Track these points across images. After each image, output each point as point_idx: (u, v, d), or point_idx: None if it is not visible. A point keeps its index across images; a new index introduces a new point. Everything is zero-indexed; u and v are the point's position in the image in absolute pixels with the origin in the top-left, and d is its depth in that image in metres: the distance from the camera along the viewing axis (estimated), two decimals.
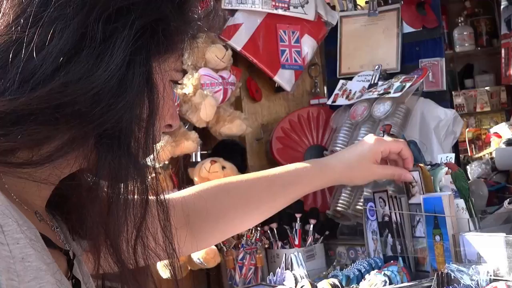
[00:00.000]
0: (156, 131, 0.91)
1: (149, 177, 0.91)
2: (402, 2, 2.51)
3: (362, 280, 1.72)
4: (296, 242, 2.07)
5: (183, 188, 2.10)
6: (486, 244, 1.53)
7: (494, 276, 1.47)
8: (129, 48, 0.80)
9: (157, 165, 1.87)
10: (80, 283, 0.92)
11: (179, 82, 1.00)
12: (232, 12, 2.31)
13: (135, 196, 0.89)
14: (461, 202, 1.72)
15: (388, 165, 1.40)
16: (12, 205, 0.75)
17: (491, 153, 3.32)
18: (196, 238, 1.20)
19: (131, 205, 0.89)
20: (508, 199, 2.07)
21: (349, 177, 1.36)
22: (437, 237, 1.69)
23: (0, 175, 0.78)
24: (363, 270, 1.78)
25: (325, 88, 2.53)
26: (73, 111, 0.78)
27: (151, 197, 0.94)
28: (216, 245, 2.01)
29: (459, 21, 4.02)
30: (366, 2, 2.60)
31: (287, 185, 1.33)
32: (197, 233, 1.20)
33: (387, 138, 2.00)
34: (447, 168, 1.79)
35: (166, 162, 2.07)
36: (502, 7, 3.48)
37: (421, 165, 1.85)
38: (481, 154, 3.43)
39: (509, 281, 1.42)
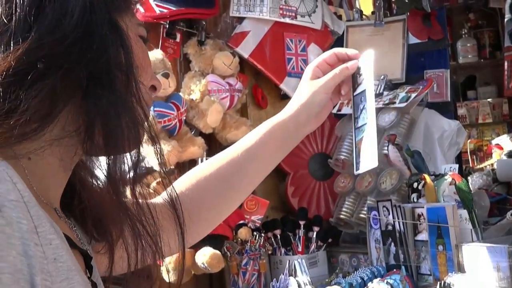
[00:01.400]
0: (140, 85, 0.89)
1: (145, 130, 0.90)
2: (408, 13, 2.53)
3: None
4: (299, 249, 2.07)
5: None
6: (488, 255, 1.55)
7: (496, 286, 1.49)
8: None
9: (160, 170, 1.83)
10: (97, 285, 0.91)
11: (146, 37, 0.98)
12: (240, 20, 2.31)
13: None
14: (464, 213, 1.74)
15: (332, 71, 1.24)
16: (38, 204, 0.75)
17: (492, 164, 3.33)
18: (197, 230, 1.19)
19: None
20: (510, 211, 2.09)
21: (312, 110, 1.24)
22: (440, 247, 1.71)
23: (23, 166, 0.79)
24: (365, 278, 1.79)
25: None
26: (53, 64, 0.79)
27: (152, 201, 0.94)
28: (220, 250, 2.01)
29: (463, 32, 4.01)
30: (372, 13, 2.62)
31: (262, 162, 1.26)
32: (195, 226, 1.19)
33: (393, 152, 2.02)
34: (451, 178, 1.82)
35: (172, 167, 2.06)
36: (505, 19, 3.49)
37: (425, 175, 1.88)
38: (482, 165, 3.44)
39: None
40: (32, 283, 0.69)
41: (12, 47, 0.78)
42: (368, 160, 1.19)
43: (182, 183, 1.19)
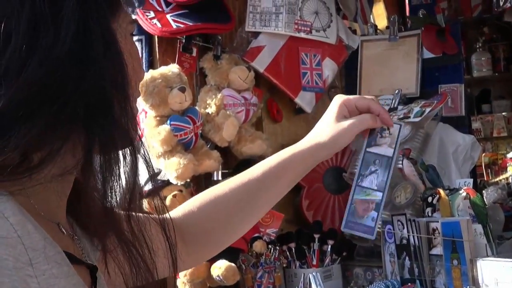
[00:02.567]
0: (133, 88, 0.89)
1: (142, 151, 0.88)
2: (423, 28, 2.54)
3: None
4: (314, 262, 2.07)
5: None
6: (504, 270, 1.55)
7: None
8: (78, 16, 0.78)
9: (179, 183, 1.81)
10: None
11: (133, 33, 0.95)
12: (255, 34, 2.32)
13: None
14: (479, 227, 1.73)
15: (359, 116, 1.25)
16: (39, 227, 0.75)
17: (507, 178, 3.31)
18: (191, 254, 1.17)
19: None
20: None
21: (332, 151, 1.23)
22: (455, 261, 1.70)
23: (25, 190, 0.77)
24: None
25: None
26: (47, 99, 0.76)
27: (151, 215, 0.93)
28: (235, 263, 2.01)
29: (477, 46, 4.01)
30: (387, 27, 2.63)
31: (275, 189, 1.26)
32: (191, 250, 1.18)
33: (407, 167, 2.01)
34: (465, 193, 1.81)
35: (188, 180, 2.07)
36: None
37: (440, 189, 1.87)
38: (497, 179, 3.42)
39: None
40: None
41: (4, 85, 0.75)
42: (365, 227, 1.20)
43: (194, 202, 1.19)
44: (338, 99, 1.25)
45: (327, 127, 1.23)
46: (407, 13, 3.22)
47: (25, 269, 0.68)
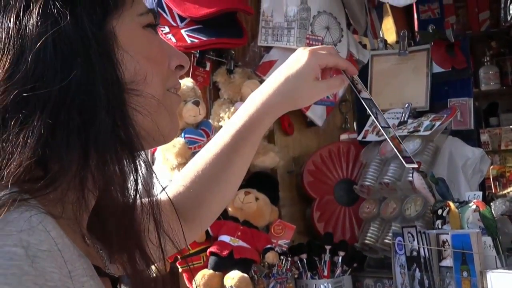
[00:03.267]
0: (161, 80, 0.87)
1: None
2: (432, 43, 2.54)
3: None
4: (325, 273, 2.06)
5: (220, 217, 2.15)
6: None
7: None
8: (63, 15, 0.77)
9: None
10: None
11: (155, 23, 0.91)
12: (268, 49, 2.34)
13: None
14: (488, 240, 1.74)
15: (329, 78, 1.23)
16: (72, 244, 0.75)
17: None
18: (191, 227, 1.19)
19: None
20: None
21: (293, 103, 1.21)
22: (465, 273, 1.71)
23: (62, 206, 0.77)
24: None
25: (355, 124, 2.55)
26: (37, 104, 0.74)
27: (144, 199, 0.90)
28: (248, 274, 2.01)
29: (485, 60, 3.99)
30: (397, 42, 2.64)
31: (242, 147, 1.20)
32: (190, 224, 1.18)
33: (417, 180, 2.01)
34: (475, 206, 1.82)
35: None
36: None
37: (450, 202, 1.87)
38: (505, 191, 3.41)
39: None
40: None
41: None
42: (408, 159, 1.20)
43: (181, 182, 1.19)
44: (314, 60, 1.21)
45: (302, 91, 1.21)
46: (416, 28, 3.23)
47: (65, 281, 0.69)
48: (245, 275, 1.98)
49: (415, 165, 1.23)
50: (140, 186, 0.85)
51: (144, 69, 0.84)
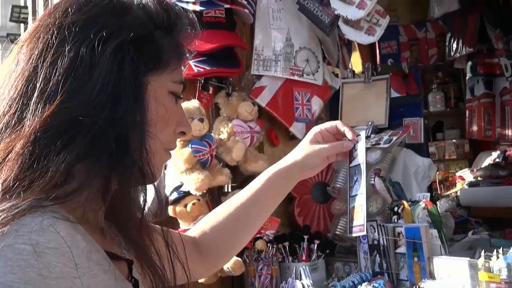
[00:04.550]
0: (165, 137, 0.86)
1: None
2: (390, 73, 2.55)
3: None
4: (304, 258, 2.06)
5: None
6: (455, 266, 1.54)
7: None
8: (113, 66, 0.77)
9: (197, 194, 1.78)
10: (139, 282, 0.89)
11: (180, 95, 0.91)
12: (259, 77, 2.33)
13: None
14: (434, 232, 1.74)
15: (330, 143, 1.22)
16: (86, 234, 0.74)
17: (456, 192, 3.32)
18: (206, 264, 1.17)
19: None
20: (471, 230, 2.09)
21: (305, 169, 1.20)
22: (415, 258, 1.71)
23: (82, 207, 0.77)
24: (356, 282, 1.79)
25: None
26: (82, 128, 0.74)
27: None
28: (241, 258, 2.00)
29: (433, 87, 4.02)
30: (362, 72, 2.66)
31: (263, 206, 1.22)
32: (206, 260, 1.16)
33: (378, 183, 2.01)
34: (424, 204, 1.82)
35: (205, 191, 2.07)
36: (467, 78, 3.53)
37: (404, 201, 1.88)
38: (448, 192, 3.42)
39: None
40: None
41: (45, 108, 0.74)
42: (358, 227, 1.19)
43: (205, 224, 1.18)
44: (313, 129, 1.23)
45: (302, 149, 1.21)
46: (378, 61, 3.26)
47: (71, 272, 0.68)
48: (239, 259, 1.98)
49: (363, 233, 1.22)
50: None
51: (157, 121, 0.84)
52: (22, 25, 24.75)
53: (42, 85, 0.76)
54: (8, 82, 0.79)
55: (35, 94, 0.76)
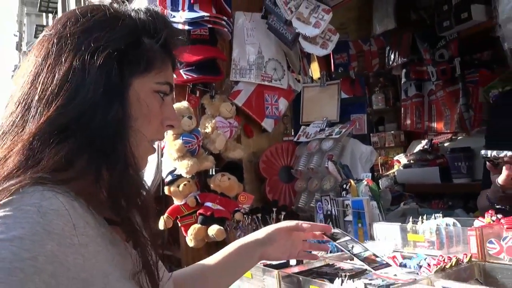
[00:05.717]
0: (149, 131, 0.80)
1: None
2: (341, 79, 2.57)
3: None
4: None
5: (205, 190, 2.14)
6: (389, 230, 1.55)
7: (394, 249, 1.48)
8: (101, 75, 0.73)
9: (188, 176, 1.69)
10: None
11: (166, 93, 0.84)
12: (236, 82, 2.33)
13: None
14: (374, 203, 1.74)
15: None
16: (84, 203, 0.71)
17: (394, 172, 3.38)
18: None
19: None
20: (403, 202, 2.12)
21: (261, 239, 1.10)
22: (360, 224, 1.71)
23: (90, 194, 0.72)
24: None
25: (292, 130, 2.55)
26: (77, 128, 0.71)
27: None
28: (223, 227, 2.01)
29: (376, 90, 4.03)
30: (319, 78, 2.67)
31: (239, 271, 1.12)
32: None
33: (331, 166, 2.02)
34: (366, 182, 1.82)
35: (194, 174, 2.08)
36: (402, 82, 3.58)
37: (351, 180, 1.88)
38: (388, 173, 3.48)
39: (403, 252, 1.44)
40: (67, 262, 0.64)
41: (44, 112, 0.71)
42: (382, 265, 1.17)
43: (187, 276, 1.07)
44: (283, 228, 1.12)
45: (266, 230, 1.13)
46: (332, 69, 3.27)
47: (70, 231, 0.66)
48: (221, 227, 1.99)
49: (390, 266, 1.17)
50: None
51: (140, 117, 0.79)
52: None
53: (41, 90, 0.73)
54: (20, 83, 0.76)
55: (35, 98, 0.73)
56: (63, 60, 0.74)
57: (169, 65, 0.86)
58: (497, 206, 1.48)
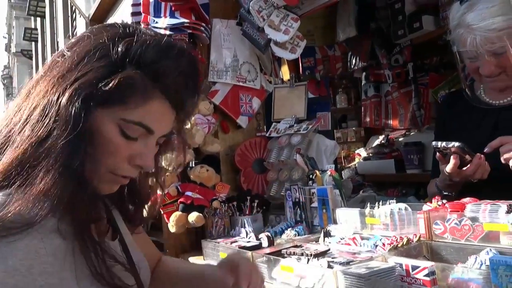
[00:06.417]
0: (111, 162, 0.72)
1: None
2: (307, 81, 2.59)
3: (283, 233, 1.76)
4: (247, 212, 2.07)
5: (185, 181, 2.14)
6: (350, 214, 1.57)
7: (354, 231, 1.51)
8: (69, 106, 0.67)
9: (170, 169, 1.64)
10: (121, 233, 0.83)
11: (131, 136, 0.72)
12: (214, 83, 2.32)
13: None
14: (337, 191, 1.76)
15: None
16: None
17: (355, 164, 3.43)
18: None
19: None
20: (362, 190, 2.16)
21: (209, 274, 0.95)
22: (324, 210, 1.73)
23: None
24: (283, 228, 1.81)
25: (265, 127, 2.56)
26: (50, 150, 0.67)
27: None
28: (202, 214, 2.01)
29: (339, 90, 4.04)
30: (288, 80, 2.67)
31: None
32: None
33: (299, 158, 2.03)
34: (330, 172, 1.84)
35: (176, 167, 2.06)
36: (362, 83, 3.63)
37: (317, 171, 1.90)
38: (350, 165, 3.53)
39: (362, 234, 1.46)
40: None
41: (19, 142, 0.68)
42: None
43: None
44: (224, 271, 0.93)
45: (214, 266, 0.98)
46: (300, 72, 3.28)
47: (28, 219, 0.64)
48: (200, 214, 2.00)
49: None
50: None
51: (99, 146, 0.71)
52: (33, 43, 23.46)
53: (26, 116, 0.70)
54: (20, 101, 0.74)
55: (20, 123, 0.70)
56: (43, 90, 0.71)
57: (155, 107, 0.72)
58: (445, 193, 1.52)
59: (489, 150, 1.35)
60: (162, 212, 2.07)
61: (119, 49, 0.70)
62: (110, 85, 0.68)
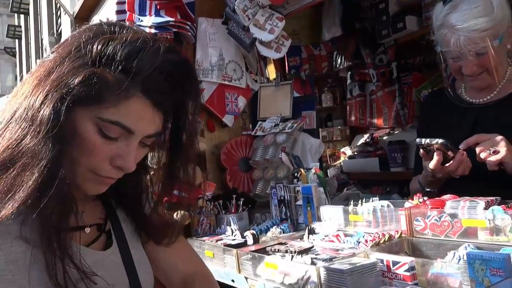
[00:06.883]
0: (91, 162, 0.72)
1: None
2: (293, 80, 2.61)
3: (269, 231, 1.77)
4: (233, 211, 2.07)
5: None
6: (333, 212, 1.57)
7: (338, 229, 1.52)
8: (50, 105, 0.67)
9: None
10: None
11: (110, 135, 0.72)
12: (200, 81, 2.30)
13: None
14: (321, 189, 1.77)
15: None
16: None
17: (340, 163, 3.46)
18: None
19: None
20: (346, 188, 2.18)
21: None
22: (309, 208, 1.74)
23: None
24: (269, 226, 1.81)
25: (250, 125, 2.56)
26: (34, 158, 0.67)
27: None
28: (188, 212, 1.99)
29: (325, 90, 4.06)
30: (274, 79, 2.69)
31: None
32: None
33: (284, 156, 2.05)
34: (314, 171, 1.85)
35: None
36: (347, 83, 3.65)
37: (301, 169, 1.90)
38: (335, 163, 3.55)
39: (346, 231, 1.48)
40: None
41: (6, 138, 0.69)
42: None
43: None
44: None
45: None
46: (286, 71, 3.29)
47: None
48: (186, 212, 1.97)
49: None
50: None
51: (77, 146, 0.71)
52: (16, 40, 23.10)
53: (9, 118, 0.71)
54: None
55: (2, 126, 0.71)
56: (30, 93, 0.70)
57: (134, 106, 0.70)
58: (427, 189, 1.54)
59: (464, 146, 1.38)
60: None
61: (94, 47, 0.69)
62: (76, 81, 0.67)
